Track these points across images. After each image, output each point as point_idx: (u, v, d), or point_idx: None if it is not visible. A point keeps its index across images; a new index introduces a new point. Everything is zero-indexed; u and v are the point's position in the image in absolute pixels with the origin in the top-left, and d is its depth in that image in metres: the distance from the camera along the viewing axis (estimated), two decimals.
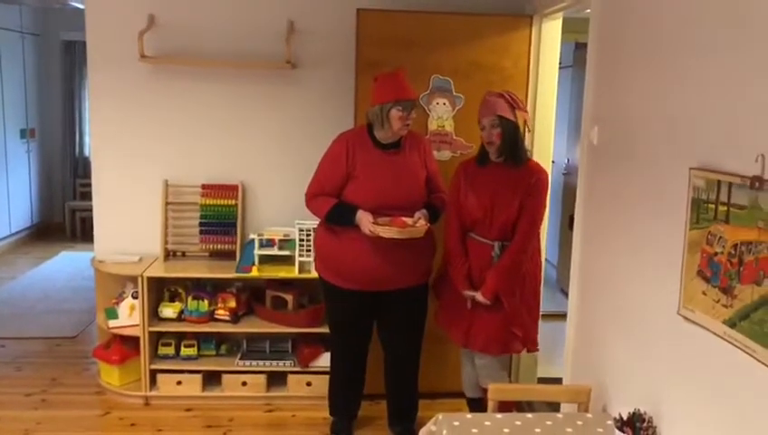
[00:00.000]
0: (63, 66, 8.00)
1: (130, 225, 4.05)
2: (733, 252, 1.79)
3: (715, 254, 1.87)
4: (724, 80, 1.88)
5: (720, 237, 1.85)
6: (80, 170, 8.14)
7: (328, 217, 3.23)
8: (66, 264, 6.82)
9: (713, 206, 1.89)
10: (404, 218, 3.18)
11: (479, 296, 3.10)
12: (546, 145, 3.90)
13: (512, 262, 3.08)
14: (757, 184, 1.68)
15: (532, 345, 3.31)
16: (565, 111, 5.53)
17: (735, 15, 1.83)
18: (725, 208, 1.83)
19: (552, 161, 4.10)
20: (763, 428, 1.69)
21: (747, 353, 1.73)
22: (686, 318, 2.02)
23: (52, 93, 8.03)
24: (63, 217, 8.01)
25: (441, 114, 3.76)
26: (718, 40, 1.91)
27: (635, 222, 2.42)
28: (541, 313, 4.01)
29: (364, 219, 3.13)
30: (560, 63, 3.91)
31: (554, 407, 2.85)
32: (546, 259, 3.83)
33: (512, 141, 3.05)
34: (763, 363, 1.66)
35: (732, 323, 1.80)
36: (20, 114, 7.58)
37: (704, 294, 1.93)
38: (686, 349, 2.05)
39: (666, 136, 2.19)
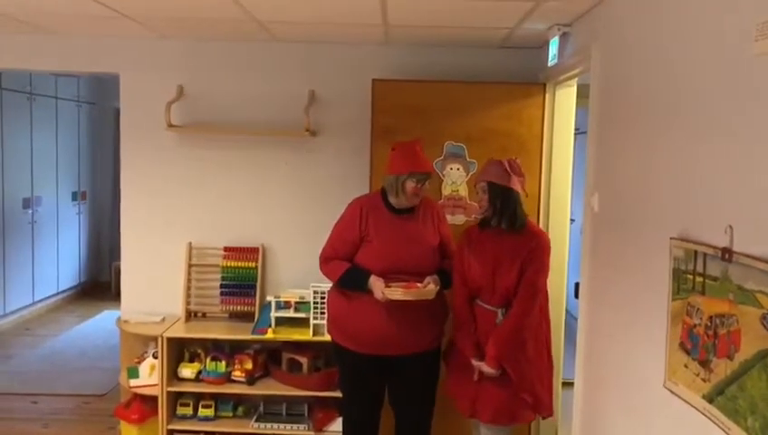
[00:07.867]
0: (115, 132, 8.38)
1: (156, 285, 4.17)
2: (709, 324, 1.75)
3: (695, 326, 1.83)
4: (700, 152, 1.88)
5: (698, 309, 1.81)
6: None
7: (341, 281, 3.27)
8: (107, 322, 6.97)
9: (691, 276, 1.86)
10: (417, 284, 3.20)
11: (485, 367, 3.06)
12: (562, 208, 3.90)
13: (511, 329, 3.02)
14: (727, 255, 1.66)
15: (545, 411, 3.21)
16: None
17: (705, 99, 1.85)
18: (702, 279, 1.80)
19: (572, 220, 4.08)
20: None
21: (723, 431, 1.66)
22: (671, 391, 1.97)
23: (105, 158, 8.44)
24: (110, 276, 8.28)
25: (455, 179, 3.81)
26: (695, 119, 1.91)
27: (629, 291, 2.39)
28: (562, 379, 3.95)
29: (377, 285, 3.15)
30: None
31: None
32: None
33: (504, 207, 3.03)
34: None
35: (710, 399, 1.74)
36: (73, 177, 7.98)
37: (685, 366, 1.88)
38: (671, 424, 1.98)
39: (651, 206, 2.19)
